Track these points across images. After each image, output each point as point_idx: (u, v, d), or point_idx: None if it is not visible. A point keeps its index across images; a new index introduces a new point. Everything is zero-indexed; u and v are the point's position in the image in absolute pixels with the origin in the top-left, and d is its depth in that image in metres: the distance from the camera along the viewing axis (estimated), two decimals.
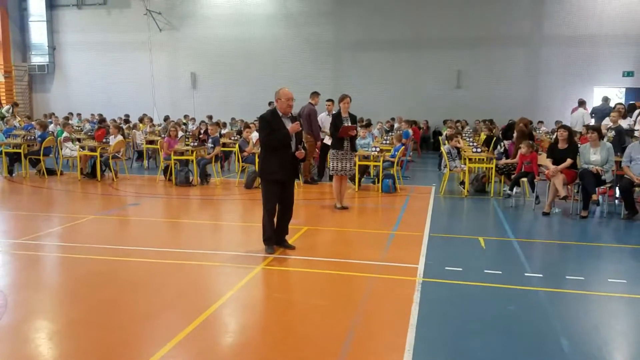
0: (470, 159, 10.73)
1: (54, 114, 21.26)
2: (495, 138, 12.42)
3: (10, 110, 21.57)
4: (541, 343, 4.13)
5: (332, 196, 9.43)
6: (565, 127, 9.34)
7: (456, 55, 20.86)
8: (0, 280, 5.54)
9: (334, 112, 11.51)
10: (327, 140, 11.77)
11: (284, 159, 6.25)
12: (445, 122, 19.32)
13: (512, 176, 9.82)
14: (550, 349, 4.02)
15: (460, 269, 5.86)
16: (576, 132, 9.40)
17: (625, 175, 8.62)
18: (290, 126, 6.26)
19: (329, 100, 12.17)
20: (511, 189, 9.57)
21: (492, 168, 10.62)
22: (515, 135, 10.71)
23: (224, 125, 17.88)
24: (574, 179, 8.84)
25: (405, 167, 13.75)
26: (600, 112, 13.77)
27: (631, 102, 15.49)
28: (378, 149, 11.21)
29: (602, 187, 8.83)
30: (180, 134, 13.20)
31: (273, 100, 6.46)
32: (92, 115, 20.59)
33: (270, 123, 6.24)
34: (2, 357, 3.87)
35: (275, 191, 6.30)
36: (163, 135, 14.00)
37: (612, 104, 15.47)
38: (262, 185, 6.41)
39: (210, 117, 18.97)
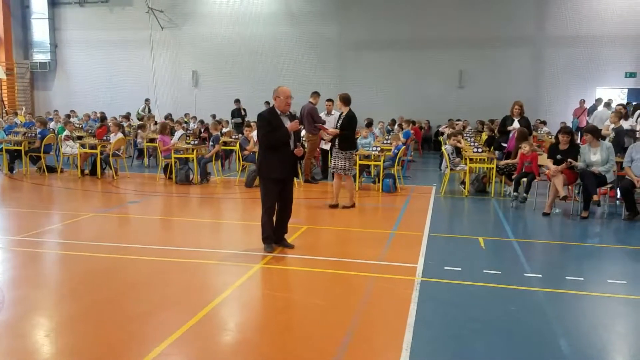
0: (471, 159, 10.71)
1: (57, 111, 21.25)
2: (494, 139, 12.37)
3: (147, 110, 20.69)
4: (540, 344, 4.11)
5: (332, 195, 9.42)
6: (566, 132, 9.17)
7: (459, 55, 20.79)
8: None
9: (334, 112, 11.60)
10: (324, 145, 11.77)
11: (283, 158, 6.24)
12: (448, 121, 19.27)
13: (513, 176, 9.80)
14: (549, 350, 4.01)
15: (460, 269, 5.85)
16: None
17: (626, 176, 8.60)
18: (289, 124, 6.25)
19: (328, 100, 12.20)
20: (516, 190, 9.54)
21: (492, 168, 10.59)
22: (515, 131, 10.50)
23: (226, 123, 17.84)
24: (575, 180, 8.81)
25: (406, 167, 13.73)
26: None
27: (635, 103, 15.50)
28: (379, 149, 11.19)
29: (603, 187, 8.81)
30: (180, 132, 13.18)
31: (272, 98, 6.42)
32: (94, 112, 20.57)
33: (269, 121, 6.23)
34: None
35: (275, 190, 6.29)
36: None
37: (603, 106, 15.69)
38: (261, 183, 6.40)
39: (214, 116, 18.93)
